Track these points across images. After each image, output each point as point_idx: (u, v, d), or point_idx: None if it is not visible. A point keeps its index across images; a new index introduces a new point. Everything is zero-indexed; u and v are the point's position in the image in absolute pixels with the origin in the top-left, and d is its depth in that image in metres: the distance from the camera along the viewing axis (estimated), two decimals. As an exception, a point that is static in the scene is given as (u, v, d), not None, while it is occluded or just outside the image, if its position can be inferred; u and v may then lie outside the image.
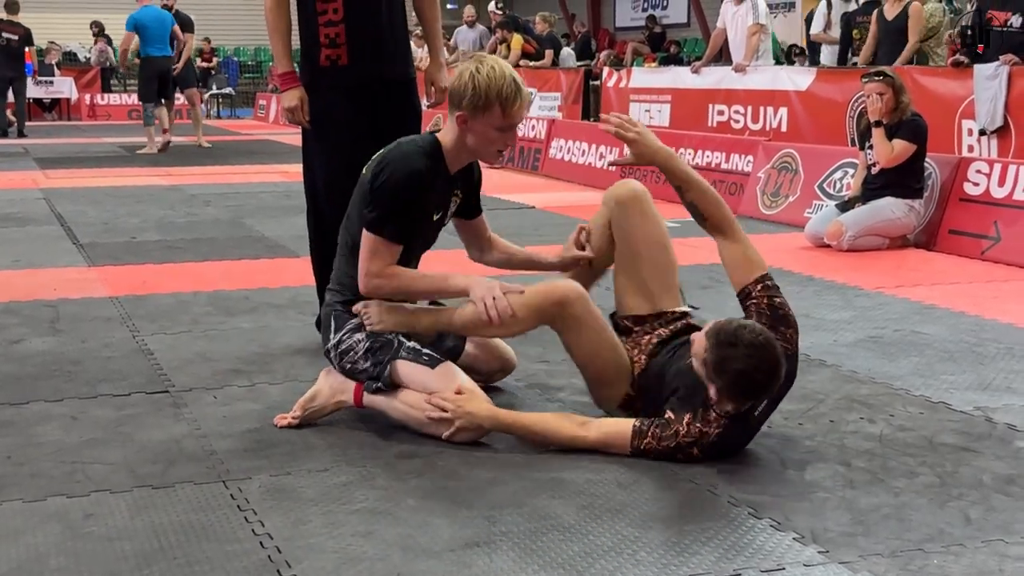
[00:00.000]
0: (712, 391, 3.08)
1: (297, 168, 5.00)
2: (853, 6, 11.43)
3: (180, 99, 15.85)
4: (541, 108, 14.60)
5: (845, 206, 7.12)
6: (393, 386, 3.46)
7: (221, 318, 5.05)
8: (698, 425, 3.14)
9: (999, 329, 4.83)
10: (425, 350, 3.50)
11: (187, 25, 14.91)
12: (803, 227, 7.35)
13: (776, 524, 2.76)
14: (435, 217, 3.62)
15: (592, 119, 13.75)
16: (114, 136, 17.78)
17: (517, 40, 15.59)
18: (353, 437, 3.42)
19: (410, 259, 3.60)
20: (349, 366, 3.54)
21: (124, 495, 2.94)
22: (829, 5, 11.79)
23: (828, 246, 6.94)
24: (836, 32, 11.45)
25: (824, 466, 3.16)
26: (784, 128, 10.43)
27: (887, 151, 6.85)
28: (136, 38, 14.15)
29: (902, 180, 6.93)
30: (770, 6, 14.14)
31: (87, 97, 23.79)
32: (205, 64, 25.30)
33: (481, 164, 3.86)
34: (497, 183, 10.70)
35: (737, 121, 11.09)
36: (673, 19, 26.30)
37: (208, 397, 3.84)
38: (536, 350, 4.25)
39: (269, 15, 4.37)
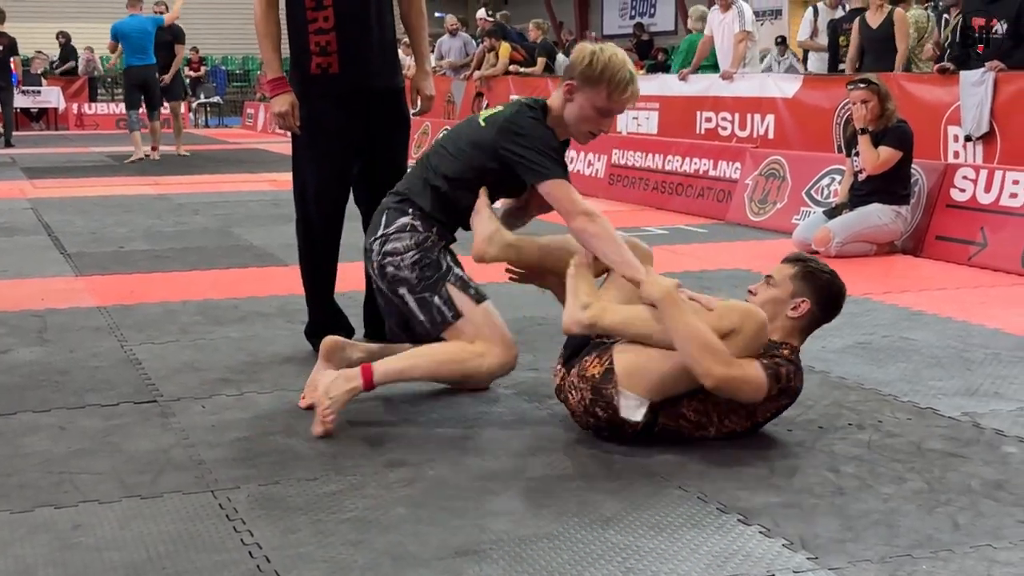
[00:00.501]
0: (801, 307, 3.41)
1: (285, 177, 5.01)
2: (840, 13, 11.47)
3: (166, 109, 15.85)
4: (529, 116, 14.60)
5: (833, 212, 7.15)
6: (457, 313, 3.55)
7: (209, 327, 5.04)
8: (779, 358, 3.35)
9: (986, 335, 4.84)
10: (472, 283, 3.62)
11: (178, 36, 14.99)
12: (791, 234, 7.37)
13: (765, 530, 2.76)
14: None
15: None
16: (102, 145, 17.75)
17: (505, 48, 15.60)
18: (342, 446, 3.41)
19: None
20: (391, 269, 3.60)
21: (112, 505, 2.94)
22: (816, 12, 11.84)
23: (816, 252, 6.95)
24: (822, 39, 11.49)
25: (813, 472, 3.17)
26: (771, 135, 10.46)
27: (873, 158, 6.87)
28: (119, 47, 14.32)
29: (889, 187, 6.96)
30: (756, 13, 14.19)
31: (74, 106, 23.74)
32: (193, 73, 25.28)
33: None
34: (485, 191, 10.70)
35: (725, 128, 11.11)
36: (660, 27, 26.40)
37: (196, 407, 3.83)
38: (527, 358, 4.24)
39: (259, 22, 4.37)
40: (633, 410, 3.32)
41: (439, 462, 3.26)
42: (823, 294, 3.45)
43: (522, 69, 15.34)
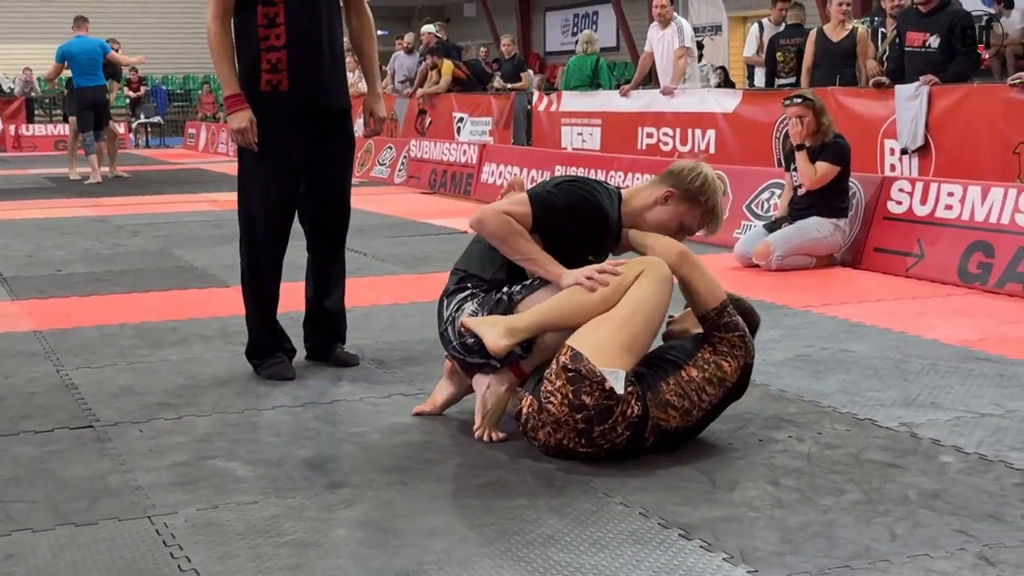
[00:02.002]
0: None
1: (226, 197, 4.97)
2: (782, 29, 11.59)
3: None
4: (472, 133, 14.63)
5: (772, 226, 7.21)
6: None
7: (148, 350, 4.98)
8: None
9: (923, 345, 4.90)
10: (530, 281, 3.63)
11: (116, 74, 15.08)
12: (732, 248, 7.43)
13: (706, 545, 2.77)
14: (589, 257, 3.67)
15: (527, 143, 13.79)
16: (40, 167, 17.52)
17: (448, 66, 15.62)
18: (283, 469, 3.38)
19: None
20: (472, 339, 3.56)
21: (46, 534, 2.88)
22: (761, 28, 11.94)
23: (757, 266, 7.02)
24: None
25: (753, 486, 3.19)
26: (712, 150, 10.55)
27: (811, 174, 6.95)
28: (65, 69, 14.26)
29: (827, 200, 7.04)
30: (696, 29, 14.33)
31: (11, 128, 23.41)
32: (133, 93, 25.07)
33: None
34: (428, 209, 10.70)
35: (666, 143, 11.20)
36: (602, 43, 26.43)
37: (134, 431, 3.77)
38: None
39: (214, 39, 4.34)
40: (614, 380, 3.30)
41: (380, 483, 3.24)
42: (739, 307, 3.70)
43: (509, 85, 15.26)
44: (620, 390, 3.29)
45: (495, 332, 3.46)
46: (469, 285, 3.70)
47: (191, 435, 3.72)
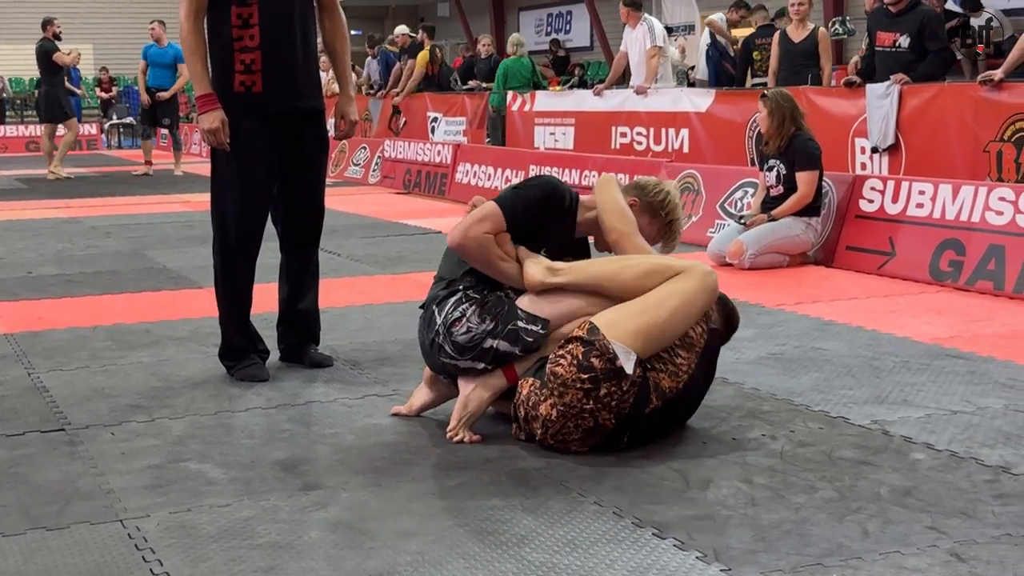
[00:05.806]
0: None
1: (199, 197, 4.96)
2: (756, 30, 11.63)
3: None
4: (447, 133, 14.62)
5: (739, 220, 7.27)
6: (544, 322, 3.58)
7: (121, 352, 4.95)
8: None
9: (895, 343, 4.93)
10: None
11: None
12: (706, 247, 7.45)
13: (680, 544, 2.78)
14: (543, 251, 3.72)
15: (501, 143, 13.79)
16: (11, 169, 17.39)
17: (423, 55, 15.57)
18: (256, 471, 3.37)
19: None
20: (464, 337, 3.59)
21: (17, 538, 2.86)
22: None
23: (730, 265, 7.04)
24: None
25: (726, 484, 3.20)
26: (686, 149, 10.58)
27: (801, 198, 6.98)
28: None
29: (800, 199, 7.07)
30: (669, 29, 14.35)
31: (-19, 129, 23.25)
32: (104, 94, 24.92)
33: None
34: (403, 209, 10.69)
35: (640, 143, 11.22)
36: (576, 43, 26.59)
37: (106, 434, 3.75)
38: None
39: (188, 38, 4.32)
40: (626, 359, 3.40)
41: (354, 484, 3.23)
42: (723, 305, 3.80)
43: (484, 85, 15.15)
44: (629, 370, 3.39)
45: (539, 267, 3.60)
46: (460, 288, 3.68)
47: (164, 438, 3.70)
